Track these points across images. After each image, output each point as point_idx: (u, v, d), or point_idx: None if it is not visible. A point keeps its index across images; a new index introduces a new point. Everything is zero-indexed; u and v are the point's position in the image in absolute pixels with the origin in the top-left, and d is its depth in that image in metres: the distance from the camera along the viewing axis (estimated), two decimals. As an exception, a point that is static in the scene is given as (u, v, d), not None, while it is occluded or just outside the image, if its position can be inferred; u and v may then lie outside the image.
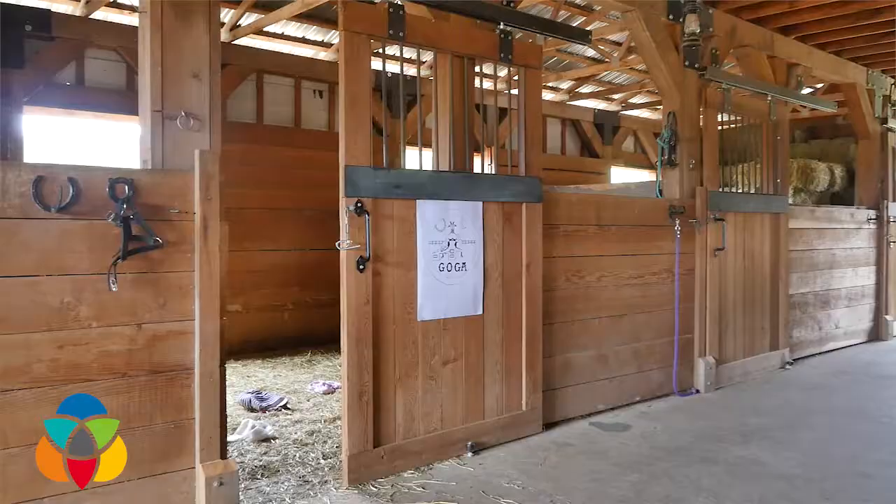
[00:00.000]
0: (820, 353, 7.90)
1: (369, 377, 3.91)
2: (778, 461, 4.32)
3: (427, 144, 4.58)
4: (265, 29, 7.89)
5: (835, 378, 6.73)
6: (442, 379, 4.28)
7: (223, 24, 7.55)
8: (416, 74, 4.27)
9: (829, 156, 10.76)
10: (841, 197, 10.40)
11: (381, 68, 4.07)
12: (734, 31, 6.66)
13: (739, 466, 4.22)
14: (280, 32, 8.20)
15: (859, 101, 8.76)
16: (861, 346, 8.53)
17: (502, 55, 4.56)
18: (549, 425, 4.93)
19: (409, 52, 4.69)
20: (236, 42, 7.79)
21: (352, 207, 3.82)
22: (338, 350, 4.06)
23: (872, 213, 8.85)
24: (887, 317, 8.97)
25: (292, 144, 8.11)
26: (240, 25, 7.66)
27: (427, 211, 4.16)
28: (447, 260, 4.26)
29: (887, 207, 8.96)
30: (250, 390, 5.66)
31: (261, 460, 4.20)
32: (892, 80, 9.12)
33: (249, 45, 8.03)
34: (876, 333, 8.90)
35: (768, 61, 7.22)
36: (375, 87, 4.21)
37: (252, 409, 5.27)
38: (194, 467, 3.26)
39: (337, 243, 3.85)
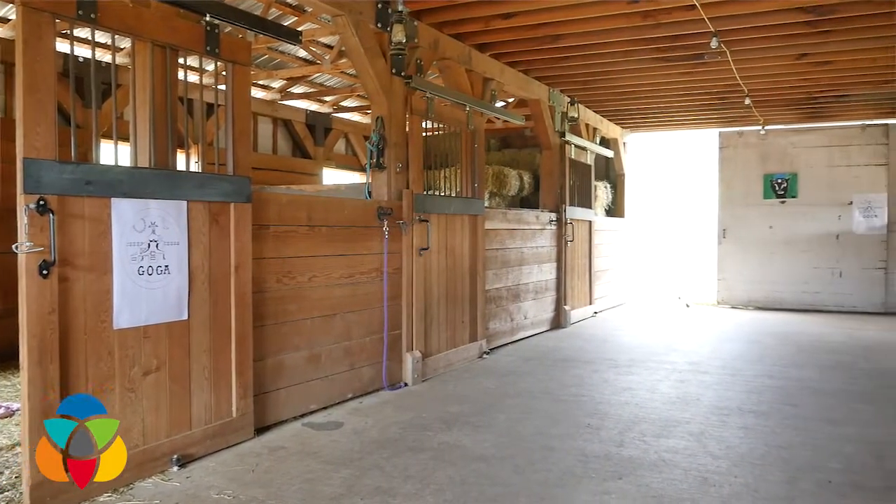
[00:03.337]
0: (512, 342, 8.74)
1: (56, 395, 3.51)
2: (476, 444, 4.69)
3: (125, 138, 4.25)
4: (-81, -7, 6.73)
5: (524, 364, 7.49)
6: (143, 391, 3.99)
7: None
8: (111, 61, 3.93)
9: (519, 163, 11.94)
10: (529, 201, 11.58)
11: (69, 51, 3.68)
12: (437, 44, 7.10)
13: (443, 452, 4.52)
14: (-60, -1, 7.05)
15: (543, 115, 9.87)
16: (546, 333, 9.61)
17: (209, 48, 4.37)
18: (261, 430, 4.85)
19: (104, 37, 4.29)
20: None
21: (32, 205, 3.41)
22: (17, 366, 3.59)
23: (554, 216, 10.02)
24: (566, 307, 10.22)
25: (-42, 130, 6.97)
26: None
27: (124, 210, 3.84)
28: (148, 263, 3.98)
29: (565, 211, 10.21)
30: None
31: (-85, 501, 3.57)
32: (569, 99, 10.41)
33: None
34: (557, 322, 10.09)
35: (467, 74, 7.79)
36: (64, 72, 3.80)
37: None
38: None
39: (14, 246, 3.41)
